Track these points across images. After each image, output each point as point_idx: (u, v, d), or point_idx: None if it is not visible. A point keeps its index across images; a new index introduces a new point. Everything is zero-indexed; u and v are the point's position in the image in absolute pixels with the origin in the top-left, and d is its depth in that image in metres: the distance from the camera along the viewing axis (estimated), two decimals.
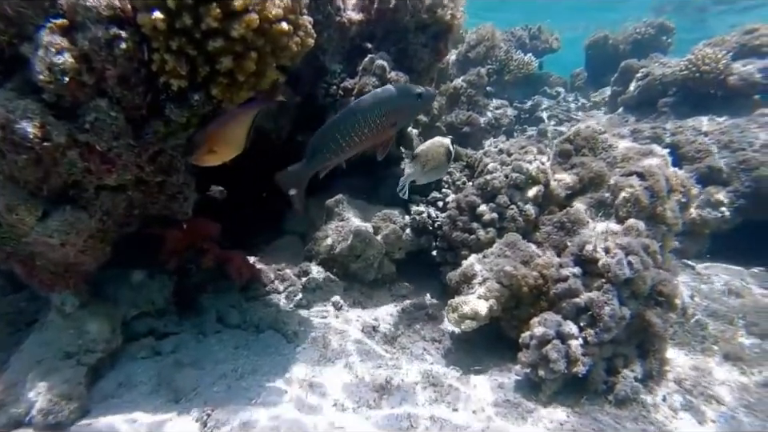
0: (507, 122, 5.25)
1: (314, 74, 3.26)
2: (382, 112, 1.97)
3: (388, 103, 1.98)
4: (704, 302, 3.06)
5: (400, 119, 2.06)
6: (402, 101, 2.01)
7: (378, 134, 2.02)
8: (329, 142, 2.03)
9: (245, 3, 1.60)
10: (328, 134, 2.03)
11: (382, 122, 1.98)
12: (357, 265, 3.06)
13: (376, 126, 1.98)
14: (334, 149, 2.03)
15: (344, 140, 2.00)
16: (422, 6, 2.91)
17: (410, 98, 2.04)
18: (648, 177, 2.69)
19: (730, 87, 4.70)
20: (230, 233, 3.63)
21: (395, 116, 2.01)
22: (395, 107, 2.00)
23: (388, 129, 2.04)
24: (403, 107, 2.03)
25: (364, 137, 2.00)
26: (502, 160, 2.85)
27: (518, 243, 2.58)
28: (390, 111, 1.99)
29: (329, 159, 2.08)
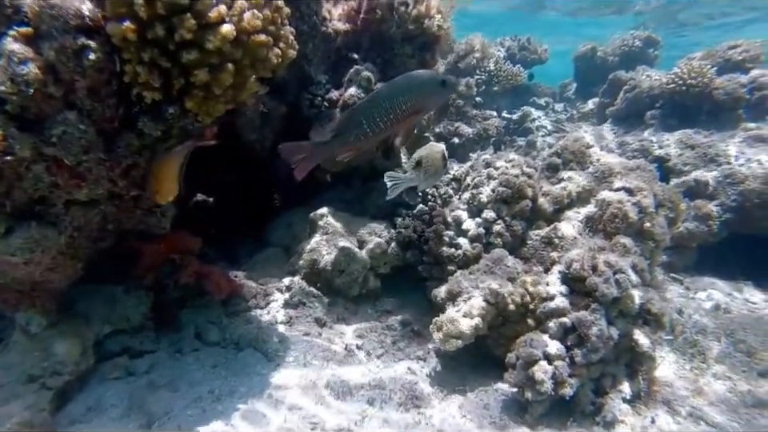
0: (496, 133, 5.22)
1: (299, 84, 3.21)
2: (408, 98, 1.97)
3: (413, 90, 1.99)
4: (693, 317, 3.03)
5: (424, 106, 2.07)
6: (426, 88, 2.02)
7: (402, 120, 2.03)
8: (354, 126, 2.01)
9: (220, 14, 1.54)
10: (354, 117, 2.01)
11: (406, 108, 1.98)
12: (341, 280, 2.99)
13: (401, 112, 1.98)
14: (358, 133, 2.02)
15: (369, 125, 1.99)
16: (409, 17, 2.87)
17: (435, 86, 2.04)
18: (636, 192, 2.66)
19: (716, 101, 4.72)
20: (214, 245, 3.56)
21: (420, 103, 2.01)
22: (420, 94, 2.00)
23: (411, 116, 2.04)
24: (428, 94, 2.03)
25: (389, 122, 2.00)
26: (489, 174, 2.81)
27: (505, 259, 2.53)
28: (415, 98, 1.99)
29: (352, 142, 2.05)
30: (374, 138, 2.04)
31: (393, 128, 2.04)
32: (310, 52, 3.05)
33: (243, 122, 3.13)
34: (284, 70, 3.13)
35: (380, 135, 2.05)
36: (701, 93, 4.81)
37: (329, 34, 3.02)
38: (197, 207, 3.88)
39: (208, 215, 3.80)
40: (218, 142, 2.19)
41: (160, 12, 1.49)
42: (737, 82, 4.72)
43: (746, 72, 4.91)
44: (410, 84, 2.00)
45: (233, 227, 3.73)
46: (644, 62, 6.99)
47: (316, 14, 2.94)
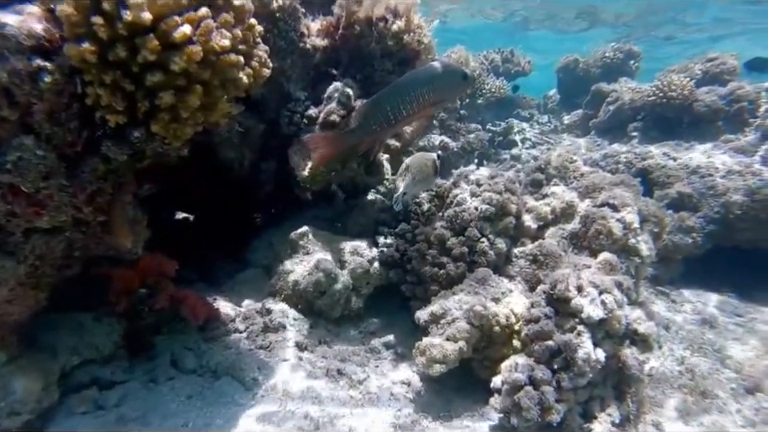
0: (480, 146, 5.21)
1: (278, 100, 3.15)
2: (430, 88, 2.01)
3: (435, 81, 2.02)
4: (679, 333, 3.00)
5: (445, 97, 2.11)
6: (448, 80, 2.05)
7: (422, 110, 2.06)
8: (378, 113, 2.04)
9: (186, 35, 1.48)
10: (377, 105, 2.05)
11: (428, 98, 2.02)
12: (322, 301, 2.91)
13: (423, 101, 2.02)
14: (382, 121, 2.05)
15: (392, 113, 2.02)
16: (388, 33, 2.83)
17: (456, 78, 2.07)
18: (620, 208, 2.63)
19: (696, 113, 4.76)
20: (193, 266, 3.46)
21: (441, 94, 2.05)
22: (442, 85, 2.03)
23: (431, 107, 2.08)
24: (449, 86, 2.08)
25: (411, 111, 2.03)
26: (472, 191, 2.76)
27: (489, 279, 2.47)
28: (437, 89, 2.02)
29: (375, 131, 2.08)
30: (396, 126, 2.09)
31: (413, 117, 2.09)
32: (288, 68, 3.00)
33: (221, 141, 3.06)
34: (262, 87, 3.10)
35: (401, 123, 2.10)
36: (681, 105, 4.85)
37: (307, 49, 2.97)
38: (175, 227, 3.78)
39: (187, 235, 3.70)
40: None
41: (121, 32, 1.42)
42: (716, 94, 4.78)
43: (724, 84, 4.97)
44: (433, 75, 2.03)
45: (213, 247, 3.63)
46: (625, 74, 7.08)
47: (294, 29, 2.89)
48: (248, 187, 3.50)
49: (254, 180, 3.47)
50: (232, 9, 1.75)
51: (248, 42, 1.86)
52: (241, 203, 3.64)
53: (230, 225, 3.67)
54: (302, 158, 3.05)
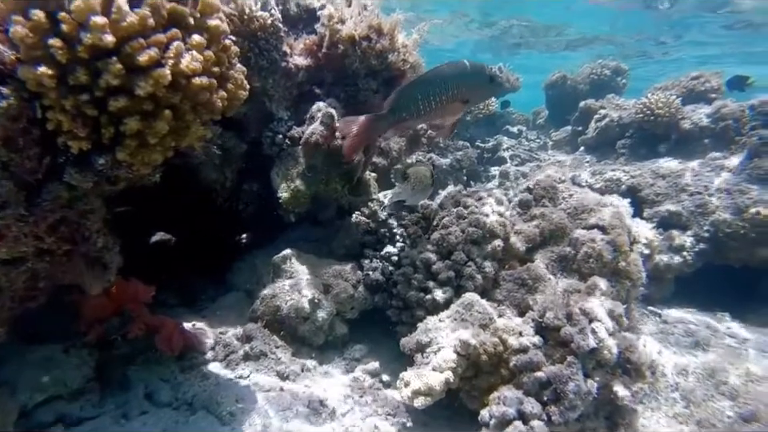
0: (469, 164, 5.16)
1: (260, 120, 3.08)
2: (459, 85, 2.01)
3: (464, 77, 2.02)
4: (673, 357, 2.92)
5: (472, 97, 2.10)
6: (476, 79, 2.05)
7: (450, 106, 2.05)
8: (409, 100, 2.04)
9: (152, 58, 1.40)
10: (408, 92, 2.04)
11: (456, 93, 2.01)
12: (305, 327, 2.80)
13: (452, 96, 2.01)
14: (411, 108, 2.04)
15: (422, 102, 2.01)
16: (372, 52, 2.78)
17: (483, 80, 2.07)
18: (609, 230, 2.57)
19: (683, 131, 4.77)
20: (174, 290, 3.35)
21: (469, 93, 2.05)
22: (471, 84, 2.04)
23: (459, 104, 2.07)
24: (477, 86, 2.07)
25: (440, 104, 2.02)
26: (459, 213, 2.69)
27: (476, 305, 2.39)
28: (466, 86, 2.03)
29: (404, 118, 2.08)
30: (424, 117, 2.07)
31: (441, 112, 2.07)
32: (270, 88, 2.93)
33: (202, 161, 2.98)
34: (244, 107, 3.03)
35: (429, 116, 2.07)
36: (668, 123, 4.85)
37: (290, 69, 2.91)
38: (156, 249, 3.67)
39: (168, 258, 3.58)
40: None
41: (82, 56, 1.34)
42: (701, 112, 4.78)
43: (709, 102, 4.98)
44: (462, 72, 2.03)
45: (195, 270, 3.52)
46: (613, 90, 7.11)
47: (276, 48, 2.83)
48: (231, 208, 3.40)
49: (237, 201, 3.38)
50: (205, 30, 1.68)
51: (223, 64, 1.79)
52: (223, 225, 3.54)
53: (212, 247, 3.57)
54: (284, 179, 2.98)
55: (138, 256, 2.59)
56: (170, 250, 3.63)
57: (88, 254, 1.96)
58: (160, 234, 3.75)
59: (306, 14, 3.09)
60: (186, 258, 3.53)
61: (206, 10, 1.67)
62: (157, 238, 3.61)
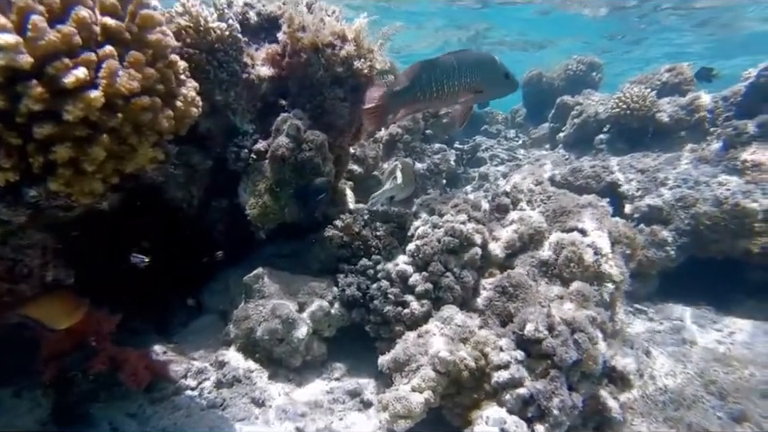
0: (447, 167, 5.08)
1: (225, 135, 2.95)
2: (473, 74, 1.98)
3: (479, 68, 1.99)
4: (660, 357, 2.86)
5: (485, 89, 2.05)
6: (491, 72, 2.03)
7: (461, 95, 2.02)
8: (422, 81, 1.98)
9: (79, 79, 1.28)
10: (422, 73, 1.98)
11: (469, 83, 1.98)
12: (281, 349, 2.68)
13: (464, 84, 1.98)
14: (425, 88, 1.98)
15: (435, 84, 1.97)
16: (337, 59, 2.68)
17: (499, 74, 2.05)
18: (589, 232, 2.50)
19: (660, 124, 4.75)
20: (144, 315, 3.20)
21: (482, 84, 2.01)
22: (485, 75, 2.01)
23: (470, 94, 2.03)
24: (491, 79, 2.04)
25: (451, 90, 1.98)
26: (434, 222, 2.60)
27: (455, 317, 2.30)
28: (480, 76, 2.00)
29: (417, 98, 2.01)
30: (435, 101, 2.02)
31: (452, 98, 2.03)
32: (233, 101, 2.81)
33: (165, 180, 2.85)
34: (207, 122, 2.91)
35: (440, 101, 2.03)
36: (645, 116, 4.83)
37: (251, 80, 2.79)
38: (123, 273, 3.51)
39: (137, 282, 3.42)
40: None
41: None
42: (677, 104, 4.77)
43: (684, 94, 4.98)
44: (477, 62, 2.01)
45: (166, 293, 3.37)
46: (589, 85, 7.10)
47: (235, 60, 2.71)
48: (200, 227, 3.27)
49: (206, 219, 3.25)
50: (146, 45, 1.56)
51: (169, 81, 1.67)
52: (193, 244, 3.40)
53: (183, 268, 3.43)
54: (252, 195, 2.86)
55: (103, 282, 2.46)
56: (139, 274, 3.48)
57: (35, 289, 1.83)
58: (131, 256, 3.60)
59: (268, 22, 2.98)
60: (155, 281, 3.38)
61: (145, 24, 1.55)
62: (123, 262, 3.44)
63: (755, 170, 3.74)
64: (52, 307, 2.08)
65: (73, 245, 2.38)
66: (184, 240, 3.32)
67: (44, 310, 2.02)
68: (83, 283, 2.28)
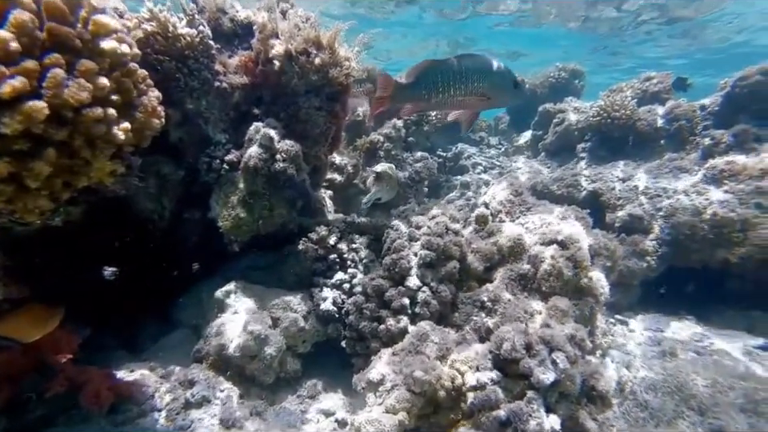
0: (429, 175, 5.03)
1: (197, 145, 2.86)
2: (480, 80, 1.98)
3: (487, 75, 1.99)
4: (641, 371, 2.82)
5: (492, 96, 2.05)
6: (500, 79, 2.02)
7: (468, 100, 2.03)
8: (429, 80, 1.99)
9: (15, 89, 1.19)
10: (430, 72, 1.99)
11: (477, 88, 1.99)
12: (253, 366, 2.59)
13: (471, 89, 1.99)
14: (431, 88, 2.00)
15: (442, 85, 1.98)
16: (312, 67, 2.60)
17: (507, 82, 2.04)
18: (569, 245, 2.45)
19: (640, 132, 4.76)
20: (114, 330, 3.08)
21: (490, 91, 2.01)
22: (492, 82, 2.00)
23: (478, 100, 2.04)
24: (500, 87, 2.03)
25: (458, 94, 2.00)
26: (411, 234, 2.53)
27: (431, 334, 2.22)
28: (489, 84, 1.99)
29: (423, 96, 2.03)
30: (439, 102, 2.03)
31: (458, 101, 2.03)
32: (204, 110, 2.73)
33: (135, 192, 2.75)
34: (179, 131, 2.82)
35: (444, 103, 2.04)
36: (625, 124, 4.84)
37: (224, 89, 2.71)
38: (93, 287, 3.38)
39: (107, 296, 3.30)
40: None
41: None
42: (656, 113, 4.79)
43: (663, 103, 5.00)
44: (485, 68, 1.99)
45: (137, 307, 3.25)
46: (571, 93, 7.12)
47: (207, 67, 2.62)
48: (172, 239, 3.16)
49: (179, 231, 3.14)
50: (101, 54, 1.48)
51: (127, 91, 1.58)
52: (166, 257, 3.29)
53: (155, 281, 3.31)
54: (224, 207, 2.76)
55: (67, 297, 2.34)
56: (107, 288, 3.35)
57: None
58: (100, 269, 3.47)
59: (242, 29, 2.90)
60: (126, 294, 3.26)
61: (99, 31, 1.46)
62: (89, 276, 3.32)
63: (732, 179, 3.75)
64: (18, 321, 2.01)
65: (30, 260, 2.27)
66: (155, 253, 3.21)
67: (10, 325, 1.95)
68: (42, 299, 2.17)
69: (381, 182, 3.43)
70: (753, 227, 3.54)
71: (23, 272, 2.07)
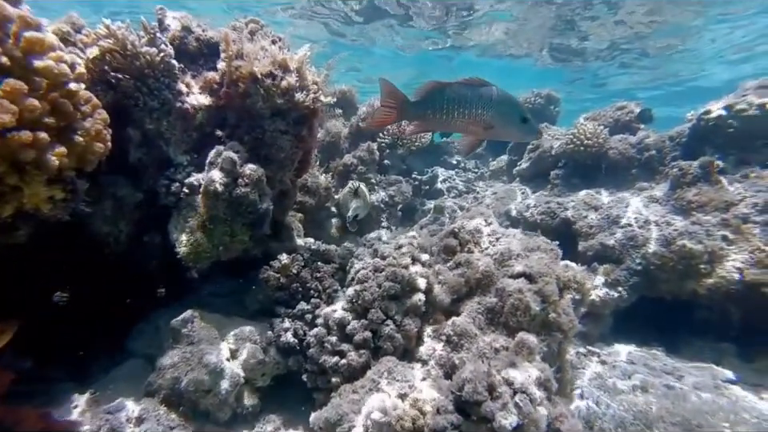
0: (402, 199, 4.97)
1: (158, 166, 2.75)
2: (486, 108, 1.98)
3: (494, 105, 1.98)
4: (610, 407, 2.76)
5: (497, 127, 2.03)
6: (507, 112, 2.01)
7: (471, 126, 2.03)
8: (435, 102, 2.01)
9: None
10: (434, 93, 2.01)
11: (481, 116, 1.99)
12: (207, 401, 2.44)
13: (476, 116, 1.99)
14: (436, 109, 2.01)
15: (447, 107, 2.00)
16: (277, 90, 2.53)
17: (514, 116, 2.02)
18: (537, 278, 2.40)
19: (612, 161, 4.80)
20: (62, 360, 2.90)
21: (495, 121, 2.00)
22: (500, 114, 1.99)
23: (482, 127, 2.03)
24: (505, 119, 2.02)
25: (460, 118, 2.00)
26: (376, 265, 2.45)
27: (394, 371, 2.13)
28: (495, 114, 1.99)
29: (427, 115, 2.04)
30: (444, 123, 2.04)
31: (461, 126, 2.04)
32: (165, 131, 2.63)
33: (91, 213, 2.62)
34: (139, 152, 2.70)
35: (448, 125, 2.04)
36: (598, 152, 4.88)
37: (186, 109, 2.61)
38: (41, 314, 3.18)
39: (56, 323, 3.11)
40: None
41: None
42: (627, 142, 4.85)
43: (634, 132, 5.08)
44: (492, 97, 1.98)
45: (88, 335, 3.06)
46: (547, 119, 7.21)
47: (168, 87, 2.53)
48: (130, 263, 3.01)
49: (137, 255, 3.00)
50: (35, 73, 1.38)
51: (65, 113, 1.48)
52: (122, 282, 3.12)
53: (110, 307, 3.14)
54: (183, 232, 2.64)
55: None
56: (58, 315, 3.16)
57: None
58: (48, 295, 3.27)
59: (208, 48, 2.83)
60: (77, 322, 3.07)
61: (33, 49, 1.37)
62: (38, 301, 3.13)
63: (700, 210, 3.79)
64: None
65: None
66: (110, 278, 3.05)
67: None
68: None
69: (358, 197, 3.81)
70: (719, 259, 3.56)
71: None
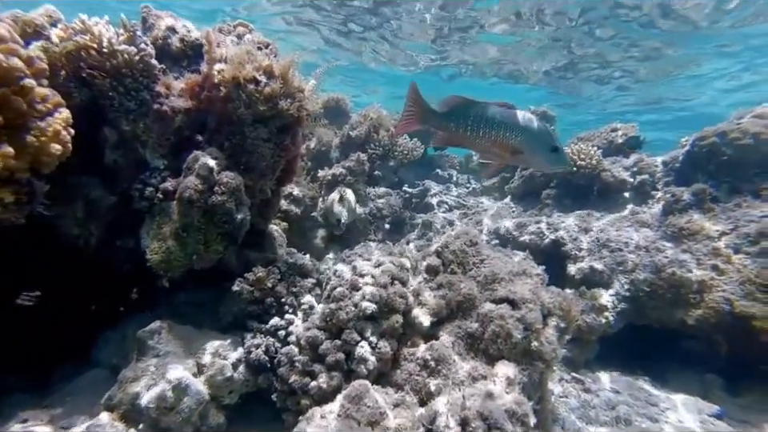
0: (391, 212, 4.88)
1: (133, 169, 2.65)
2: (515, 133, 1.95)
3: (524, 131, 1.95)
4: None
5: (525, 153, 1.99)
6: (536, 139, 1.96)
7: (496, 149, 2.00)
8: (459, 117, 1.98)
9: None
10: (466, 109, 1.98)
11: (509, 141, 1.96)
12: (169, 419, 2.31)
13: (503, 139, 1.96)
14: (460, 124, 1.98)
15: (472, 125, 1.97)
16: (260, 97, 2.44)
17: (544, 144, 1.97)
18: (521, 305, 2.31)
19: (604, 183, 4.74)
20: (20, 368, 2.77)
21: (524, 146, 1.97)
22: (530, 140, 1.95)
23: (509, 152, 1.99)
24: (535, 146, 1.97)
25: (486, 139, 1.98)
26: (353, 283, 2.34)
27: (365, 397, 2.02)
28: (523, 141, 1.95)
29: (450, 128, 2.01)
30: (467, 141, 2.01)
31: (486, 147, 2.01)
32: (141, 133, 2.52)
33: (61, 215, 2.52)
34: (114, 153, 2.60)
35: (474, 143, 2.02)
36: (591, 174, 4.82)
37: (164, 111, 2.51)
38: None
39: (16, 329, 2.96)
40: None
41: None
42: (621, 165, 4.80)
43: (627, 155, 5.03)
44: (522, 123, 1.95)
45: (53, 341, 2.93)
46: None
47: (146, 88, 2.44)
48: (101, 268, 2.89)
49: (109, 259, 2.88)
50: None
51: (14, 111, 1.38)
52: (91, 286, 3.00)
53: (77, 312, 3.01)
54: (155, 239, 2.53)
55: None
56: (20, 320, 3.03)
57: None
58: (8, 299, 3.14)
59: (192, 50, 2.74)
60: (41, 327, 2.94)
61: None
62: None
63: (691, 239, 3.72)
64: None
65: None
66: (78, 282, 2.92)
67: None
68: None
69: (342, 202, 4.08)
70: (709, 289, 3.49)
71: None
